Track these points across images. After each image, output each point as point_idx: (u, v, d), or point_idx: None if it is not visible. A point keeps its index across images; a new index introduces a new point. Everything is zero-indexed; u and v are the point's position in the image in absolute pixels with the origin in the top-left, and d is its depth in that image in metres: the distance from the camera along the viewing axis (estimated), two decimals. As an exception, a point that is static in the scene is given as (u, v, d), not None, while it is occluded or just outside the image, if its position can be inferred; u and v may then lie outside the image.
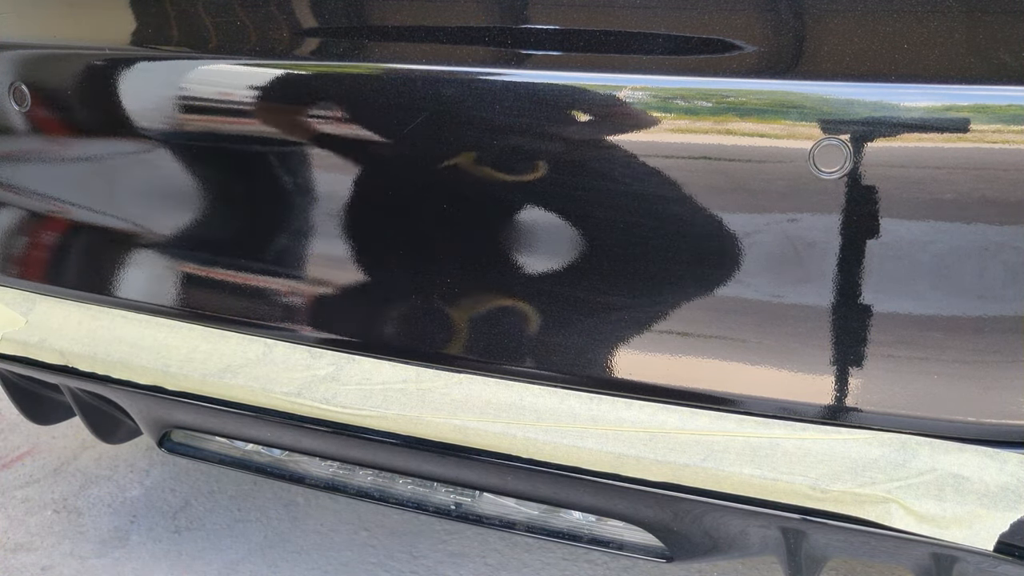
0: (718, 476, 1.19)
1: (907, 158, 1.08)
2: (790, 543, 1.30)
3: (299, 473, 1.64)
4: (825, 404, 1.17)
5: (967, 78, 1.07)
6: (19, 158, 1.63)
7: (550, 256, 1.27)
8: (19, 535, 2.08)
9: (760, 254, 1.16)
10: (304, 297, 1.43)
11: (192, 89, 1.42)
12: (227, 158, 1.45)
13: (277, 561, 1.98)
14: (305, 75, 1.35)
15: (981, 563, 1.19)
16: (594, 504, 1.38)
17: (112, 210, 1.57)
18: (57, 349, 1.58)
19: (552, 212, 1.26)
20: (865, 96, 1.09)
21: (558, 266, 1.27)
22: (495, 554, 2.00)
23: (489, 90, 1.25)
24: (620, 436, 1.24)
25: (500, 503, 1.50)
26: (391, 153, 1.32)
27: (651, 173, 1.19)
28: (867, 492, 1.13)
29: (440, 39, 1.30)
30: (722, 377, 1.21)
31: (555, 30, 1.24)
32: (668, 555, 1.40)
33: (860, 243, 1.12)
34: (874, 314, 1.14)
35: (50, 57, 1.56)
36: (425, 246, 1.34)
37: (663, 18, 1.17)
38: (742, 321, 1.19)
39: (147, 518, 2.13)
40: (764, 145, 1.13)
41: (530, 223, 1.27)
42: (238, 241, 1.47)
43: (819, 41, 1.14)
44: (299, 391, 1.41)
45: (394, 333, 1.39)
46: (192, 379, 1.48)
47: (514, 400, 1.30)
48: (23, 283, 1.66)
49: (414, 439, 1.36)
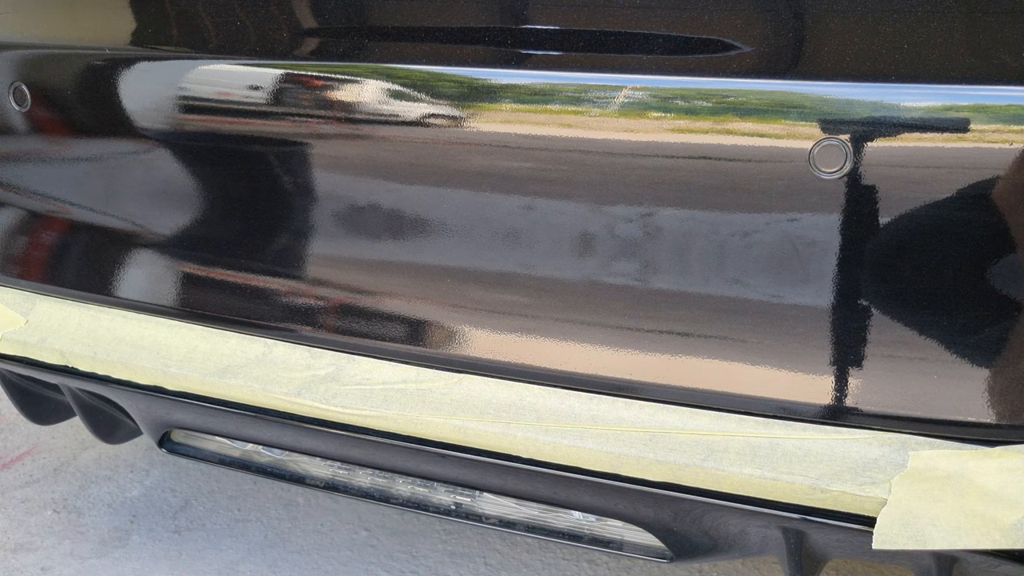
0: (718, 476, 1.19)
1: (907, 158, 1.08)
2: (790, 543, 1.30)
3: (299, 473, 1.64)
4: (825, 404, 1.17)
5: (967, 78, 1.07)
6: (19, 158, 1.63)
7: (550, 256, 1.27)
8: (19, 535, 2.08)
9: (760, 254, 1.16)
10: (304, 297, 1.43)
11: (192, 89, 1.42)
12: (227, 158, 1.45)
13: (277, 561, 1.98)
14: (305, 75, 1.35)
15: (981, 563, 1.19)
16: (594, 504, 1.38)
17: (112, 210, 1.57)
18: (57, 349, 1.58)
19: (552, 212, 1.26)
20: (865, 96, 1.09)
21: (558, 266, 1.27)
22: (495, 554, 2.00)
23: (489, 90, 1.25)
24: (620, 436, 1.24)
25: (500, 503, 1.50)
26: (391, 153, 1.32)
27: (651, 173, 1.19)
28: (867, 492, 1.13)
29: (440, 39, 1.30)
30: (722, 377, 1.21)
31: (556, 30, 1.24)
32: (668, 555, 1.40)
33: (860, 243, 1.12)
34: (874, 314, 1.14)
35: (50, 57, 1.56)
36: (425, 246, 1.34)
37: (663, 18, 1.17)
38: (742, 321, 1.19)
39: (147, 518, 2.13)
40: (764, 145, 1.13)
41: (531, 223, 1.27)
42: (238, 241, 1.47)
43: (819, 41, 1.14)
44: (299, 391, 1.41)
45: (394, 333, 1.39)
46: (192, 379, 1.48)
47: (514, 400, 1.30)
48: (23, 283, 1.66)
49: (414, 439, 1.36)
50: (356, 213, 1.38)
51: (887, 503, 1.12)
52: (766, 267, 1.17)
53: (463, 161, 1.29)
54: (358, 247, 1.39)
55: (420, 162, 1.30)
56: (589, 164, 1.22)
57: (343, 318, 1.42)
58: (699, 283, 1.21)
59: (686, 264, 1.20)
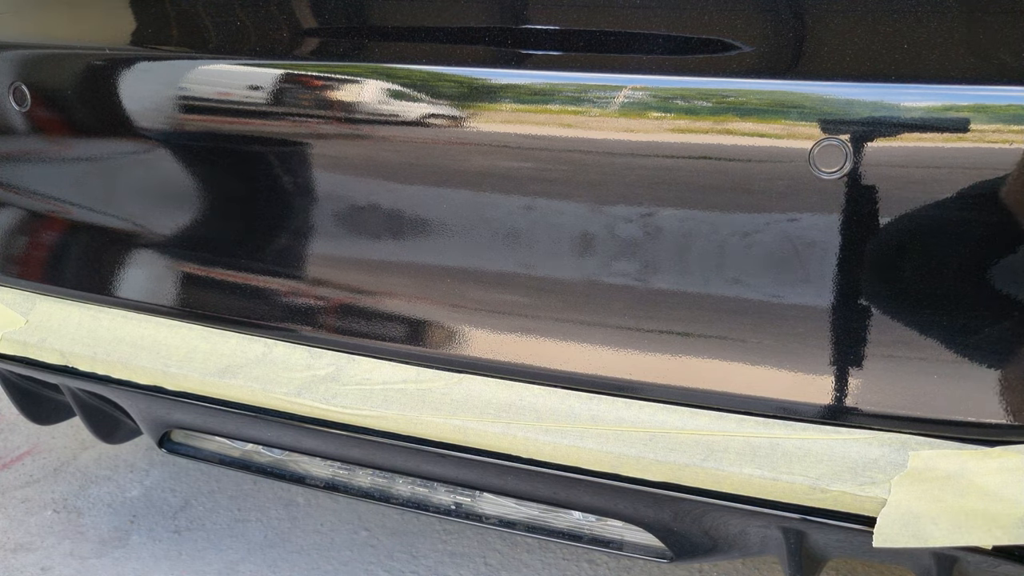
0: (718, 476, 1.19)
1: (907, 158, 1.08)
2: (790, 543, 1.30)
3: (299, 473, 1.64)
4: (825, 404, 1.17)
5: (967, 78, 1.07)
6: (19, 158, 1.63)
7: (550, 256, 1.27)
8: (19, 535, 2.08)
9: (760, 254, 1.16)
10: (304, 297, 1.43)
11: (191, 89, 1.42)
12: (227, 158, 1.45)
13: (277, 561, 1.98)
14: (305, 75, 1.35)
15: (981, 563, 1.19)
16: (594, 504, 1.38)
17: (112, 210, 1.57)
18: (57, 349, 1.58)
19: (552, 212, 1.26)
20: (865, 96, 1.09)
21: (558, 266, 1.27)
22: (495, 554, 2.00)
23: (489, 90, 1.25)
24: (620, 436, 1.24)
25: (500, 503, 1.50)
26: (391, 153, 1.32)
27: (651, 173, 1.19)
28: (867, 492, 1.13)
29: (441, 39, 1.30)
30: (722, 377, 1.21)
31: (556, 30, 1.24)
32: (668, 555, 1.40)
33: (860, 243, 1.12)
34: (873, 314, 1.14)
35: (50, 57, 1.56)
36: (425, 246, 1.34)
37: (663, 18, 1.17)
38: (742, 321, 1.19)
39: (147, 518, 2.13)
40: (764, 145, 1.13)
41: (531, 223, 1.27)
42: (238, 241, 1.47)
43: (819, 41, 1.14)
44: (299, 391, 1.41)
45: (394, 333, 1.39)
46: (192, 379, 1.48)
47: (514, 400, 1.30)
48: (23, 283, 1.66)
49: (414, 439, 1.36)
50: (356, 213, 1.38)
51: (887, 503, 1.12)
52: (766, 267, 1.17)
53: (463, 161, 1.29)
54: (358, 247, 1.39)
55: (420, 162, 1.30)
56: (589, 164, 1.22)
57: (343, 318, 1.42)
58: (699, 283, 1.21)
59: (686, 264, 1.20)
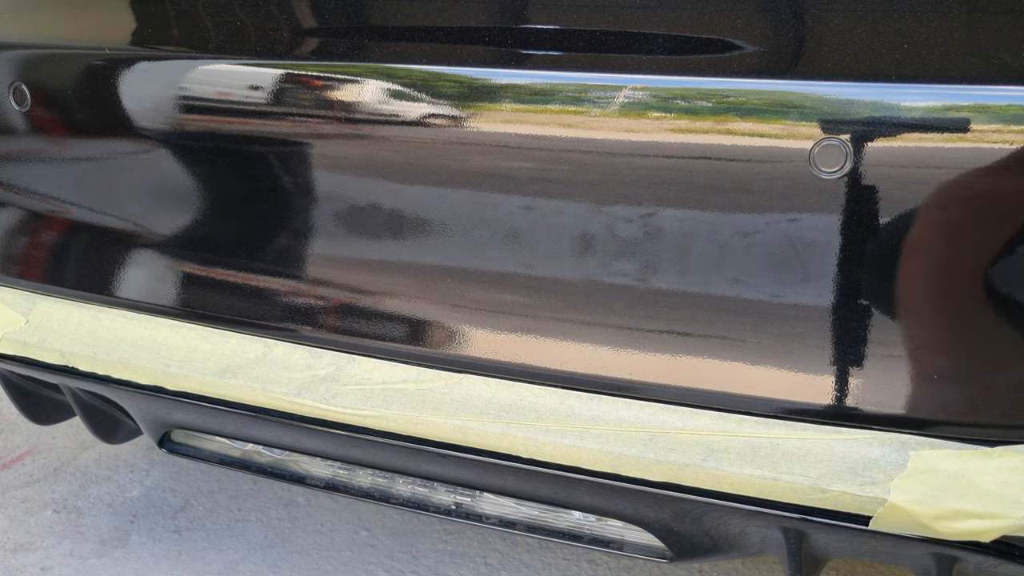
0: (718, 476, 1.19)
1: (907, 158, 1.08)
2: (790, 543, 1.30)
3: (299, 473, 1.64)
4: (825, 404, 1.17)
5: (967, 78, 1.07)
6: (19, 158, 1.63)
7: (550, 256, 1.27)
8: (19, 535, 2.08)
9: (760, 254, 1.16)
10: (304, 297, 1.43)
11: (191, 89, 1.42)
12: (227, 158, 1.45)
13: (277, 561, 1.98)
14: (305, 75, 1.35)
15: (981, 563, 1.19)
16: (594, 504, 1.38)
17: (112, 210, 1.57)
18: (57, 349, 1.58)
19: (552, 212, 1.26)
20: (865, 96, 1.09)
21: (558, 266, 1.27)
22: (495, 554, 2.00)
23: (489, 90, 1.25)
24: (620, 436, 1.24)
25: (500, 503, 1.50)
26: (391, 153, 1.32)
27: (651, 173, 1.19)
28: (867, 492, 1.13)
29: (441, 39, 1.30)
30: (722, 377, 1.21)
31: (556, 30, 1.24)
32: (668, 555, 1.40)
33: (860, 243, 1.12)
34: (874, 314, 1.14)
35: (50, 57, 1.56)
36: (425, 246, 1.34)
37: (663, 18, 1.17)
38: (742, 321, 1.19)
39: (147, 518, 2.13)
40: (764, 145, 1.13)
41: (531, 223, 1.27)
42: (238, 241, 1.47)
43: (819, 41, 1.14)
44: (299, 391, 1.41)
45: (394, 333, 1.39)
46: (192, 379, 1.48)
47: (514, 400, 1.30)
48: (23, 283, 1.66)
49: (414, 439, 1.36)
50: (356, 213, 1.38)
51: (887, 503, 1.12)
52: (766, 267, 1.17)
53: (463, 161, 1.29)
54: (358, 247, 1.39)
55: (420, 162, 1.30)
56: (589, 164, 1.22)
57: (343, 318, 1.42)
58: (699, 283, 1.21)
59: (686, 264, 1.20)
